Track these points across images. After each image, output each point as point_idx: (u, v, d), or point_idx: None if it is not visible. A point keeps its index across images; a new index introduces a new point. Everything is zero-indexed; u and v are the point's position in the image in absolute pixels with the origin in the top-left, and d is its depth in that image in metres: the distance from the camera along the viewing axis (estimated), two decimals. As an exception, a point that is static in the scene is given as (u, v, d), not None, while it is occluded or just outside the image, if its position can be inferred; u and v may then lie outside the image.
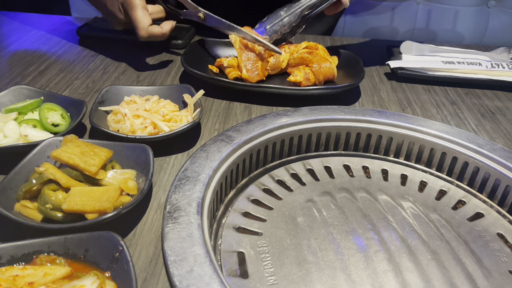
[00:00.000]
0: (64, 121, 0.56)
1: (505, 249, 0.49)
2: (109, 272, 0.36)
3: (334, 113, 0.62)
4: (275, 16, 0.73)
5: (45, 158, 0.47)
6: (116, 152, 0.48)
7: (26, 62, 0.77)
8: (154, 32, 0.70)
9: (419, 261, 0.46)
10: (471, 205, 0.55)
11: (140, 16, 0.69)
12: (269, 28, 0.73)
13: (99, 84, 0.71)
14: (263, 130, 0.57)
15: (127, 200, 0.43)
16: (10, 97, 0.58)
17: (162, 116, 0.56)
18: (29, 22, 0.95)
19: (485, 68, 0.77)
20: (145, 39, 0.71)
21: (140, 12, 0.69)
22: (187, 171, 0.49)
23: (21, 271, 0.34)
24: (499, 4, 1.17)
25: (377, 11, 1.19)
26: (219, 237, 0.48)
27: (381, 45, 0.92)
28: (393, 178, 0.59)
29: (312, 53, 0.71)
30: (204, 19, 0.72)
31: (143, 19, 0.69)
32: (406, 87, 0.76)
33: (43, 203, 0.41)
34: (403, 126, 0.61)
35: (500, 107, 0.71)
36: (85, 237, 0.37)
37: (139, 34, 0.70)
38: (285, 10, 0.73)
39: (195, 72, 0.68)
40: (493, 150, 0.56)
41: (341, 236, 0.49)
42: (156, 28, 0.71)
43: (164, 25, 0.73)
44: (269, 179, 0.57)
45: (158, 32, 0.71)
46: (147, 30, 0.70)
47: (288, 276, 0.44)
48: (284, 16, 0.72)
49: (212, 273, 0.37)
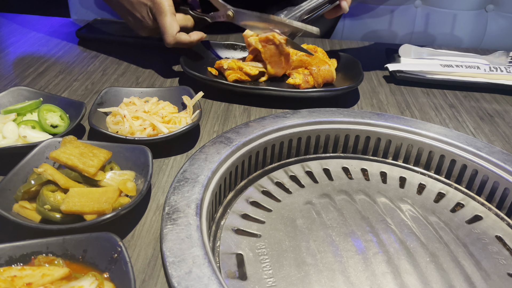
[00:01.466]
0: (63, 122, 0.56)
1: (504, 252, 0.49)
2: (108, 273, 0.36)
3: (333, 115, 0.62)
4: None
5: (44, 159, 0.47)
6: (115, 154, 0.48)
7: (25, 64, 0.77)
8: (181, 40, 0.69)
9: (417, 263, 0.46)
10: (470, 207, 0.55)
11: (169, 22, 0.68)
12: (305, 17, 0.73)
13: (98, 85, 0.71)
14: (262, 132, 0.57)
15: (126, 201, 0.43)
16: (9, 98, 0.58)
17: (161, 118, 0.56)
18: (28, 24, 0.95)
19: (484, 72, 0.78)
20: (172, 45, 0.70)
21: (170, 18, 0.68)
22: (186, 173, 0.49)
23: (19, 271, 0.34)
24: (497, 8, 1.17)
25: (376, 14, 1.20)
26: (218, 239, 0.48)
27: (380, 48, 0.93)
28: (391, 180, 0.59)
29: (311, 56, 0.71)
30: (233, 17, 0.71)
31: (172, 25, 0.68)
32: (405, 90, 0.76)
33: (42, 204, 0.41)
34: (401, 128, 0.61)
35: (499, 110, 0.72)
36: (84, 238, 0.37)
37: (166, 41, 0.69)
38: (285, 14, 0.73)
39: (194, 74, 0.68)
40: (492, 153, 0.56)
41: (340, 238, 0.49)
42: (184, 36, 0.70)
43: (193, 35, 0.71)
44: (268, 181, 0.57)
45: (185, 40, 0.70)
46: (175, 37, 0.68)
47: (286, 278, 0.44)
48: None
49: (211, 275, 0.37)
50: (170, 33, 0.68)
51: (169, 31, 0.68)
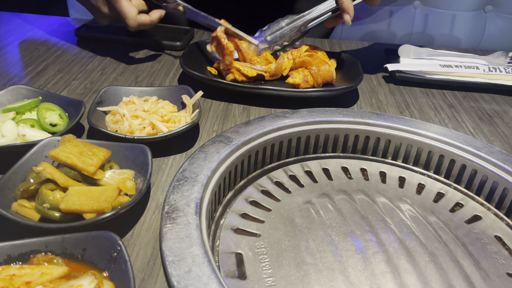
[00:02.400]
0: (62, 121, 0.55)
1: (503, 252, 0.49)
2: (107, 272, 0.36)
3: (332, 115, 0.62)
4: (276, 26, 0.73)
5: (43, 157, 0.47)
6: (115, 152, 0.48)
7: (24, 62, 0.77)
8: (143, 21, 0.71)
9: (417, 263, 0.46)
10: (469, 207, 0.55)
11: (126, 6, 0.70)
12: (269, 38, 0.73)
13: (97, 84, 0.71)
14: (261, 132, 0.57)
15: (125, 200, 0.43)
16: (8, 97, 0.58)
17: (160, 117, 0.56)
18: (27, 23, 0.95)
19: (483, 72, 0.78)
20: (135, 28, 0.71)
21: (125, 3, 0.70)
22: (186, 172, 0.49)
23: (18, 270, 0.34)
24: (496, 9, 1.17)
25: (375, 15, 1.20)
26: (217, 238, 0.48)
27: (379, 48, 0.93)
28: (391, 180, 0.59)
29: (312, 56, 0.71)
30: (184, 12, 0.73)
31: (129, 9, 0.70)
32: (404, 90, 0.76)
33: (41, 202, 0.41)
34: (401, 128, 0.61)
35: (498, 110, 0.72)
36: (83, 236, 0.37)
37: (128, 24, 0.71)
38: (286, 22, 0.73)
39: (193, 73, 0.68)
40: (491, 153, 0.56)
41: (339, 238, 0.49)
42: (145, 16, 0.72)
43: (152, 13, 0.73)
44: (267, 180, 0.57)
45: (146, 20, 0.72)
46: (135, 19, 0.70)
47: (286, 277, 0.44)
48: (285, 27, 0.72)
49: (210, 274, 0.37)
50: (130, 16, 0.70)
51: (128, 14, 0.70)
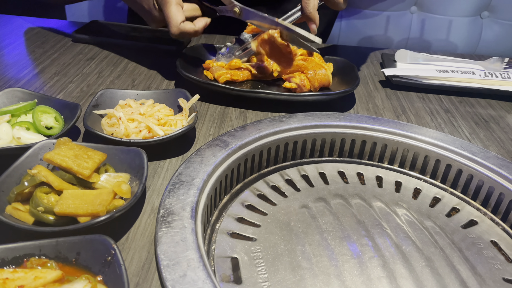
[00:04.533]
0: (57, 124, 0.55)
1: (499, 257, 0.49)
2: (101, 276, 0.36)
3: (329, 119, 0.62)
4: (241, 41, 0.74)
5: (37, 160, 0.47)
6: (110, 156, 0.48)
7: (20, 65, 0.77)
8: (186, 29, 0.68)
9: (413, 267, 0.46)
10: (465, 212, 0.55)
11: (173, 12, 0.67)
12: (237, 53, 0.74)
13: (93, 87, 0.71)
14: (258, 136, 0.57)
15: (120, 203, 0.43)
16: (3, 99, 0.57)
17: (157, 120, 0.56)
18: (24, 25, 0.95)
19: (479, 77, 0.78)
20: (177, 36, 0.69)
21: (174, 8, 0.67)
22: (182, 176, 0.49)
23: (12, 274, 0.34)
24: (492, 15, 1.18)
25: (372, 20, 1.20)
26: (213, 242, 0.47)
27: (376, 53, 0.93)
28: (387, 185, 0.59)
29: (308, 60, 0.71)
30: (240, 13, 0.70)
31: (175, 15, 0.67)
32: (401, 94, 0.76)
33: (35, 205, 0.40)
34: (397, 133, 0.61)
35: (494, 115, 0.72)
36: (77, 240, 0.37)
37: (170, 31, 0.68)
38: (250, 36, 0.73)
39: (190, 77, 0.68)
40: (487, 158, 0.57)
41: (336, 242, 0.49)
42: (189, 25, 0.69)
43: (197, 22, 0.70)
44: (263, 184, 0.57)
45: (190, 29, 0.69)
46: (179, 27, 0.68)
47: (282, 282, 0.44)
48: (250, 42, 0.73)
49: (206, 278, 0.37)
50: (174, 23, 0.67)
51: (173, 21, 0.67)
